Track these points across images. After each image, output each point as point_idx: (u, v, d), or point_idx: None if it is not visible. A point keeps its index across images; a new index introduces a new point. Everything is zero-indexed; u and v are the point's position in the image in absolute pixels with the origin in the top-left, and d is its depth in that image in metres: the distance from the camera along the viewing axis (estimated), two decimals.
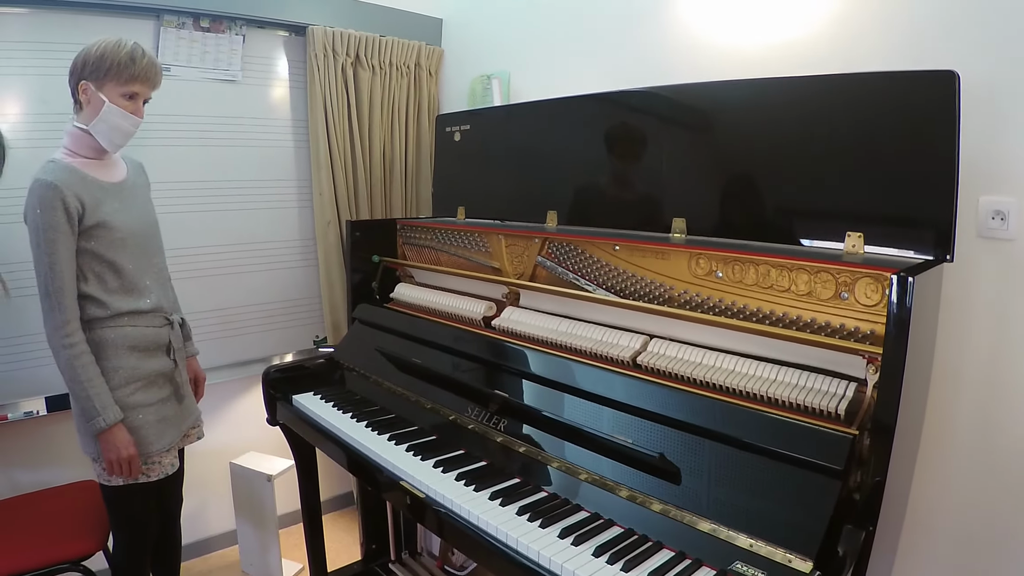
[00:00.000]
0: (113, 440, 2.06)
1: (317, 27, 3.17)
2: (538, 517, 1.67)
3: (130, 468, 2.10)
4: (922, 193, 1.62)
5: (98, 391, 2.03)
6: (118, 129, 2.08)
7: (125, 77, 2.04)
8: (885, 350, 1.36)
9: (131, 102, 2.08)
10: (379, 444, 2.14)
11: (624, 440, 1.70)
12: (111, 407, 2.05)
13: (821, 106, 1.79)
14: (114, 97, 2.05)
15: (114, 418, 2.05)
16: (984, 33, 1.80)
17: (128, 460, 2.08)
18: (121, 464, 2.08)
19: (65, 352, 2.00)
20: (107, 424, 2.03)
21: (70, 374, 2.02)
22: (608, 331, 2.00)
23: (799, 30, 2.18)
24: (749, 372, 1.66)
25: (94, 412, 2.02)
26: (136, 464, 2.11)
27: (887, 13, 1.98)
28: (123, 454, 2.07)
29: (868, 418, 1.45)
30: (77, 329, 2.02)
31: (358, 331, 2.79)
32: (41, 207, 1.94)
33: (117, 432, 2.06)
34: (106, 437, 2.05)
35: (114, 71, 2.03)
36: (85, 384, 2.02)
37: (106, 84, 2.04)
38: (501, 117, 2.86)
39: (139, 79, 2.07)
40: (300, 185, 3.40)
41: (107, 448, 2.06)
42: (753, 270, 1.72)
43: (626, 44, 2.72)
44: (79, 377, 2.01)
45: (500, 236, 2.44)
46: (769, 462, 1.49)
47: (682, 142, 2.13)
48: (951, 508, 1.97)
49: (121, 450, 2.06)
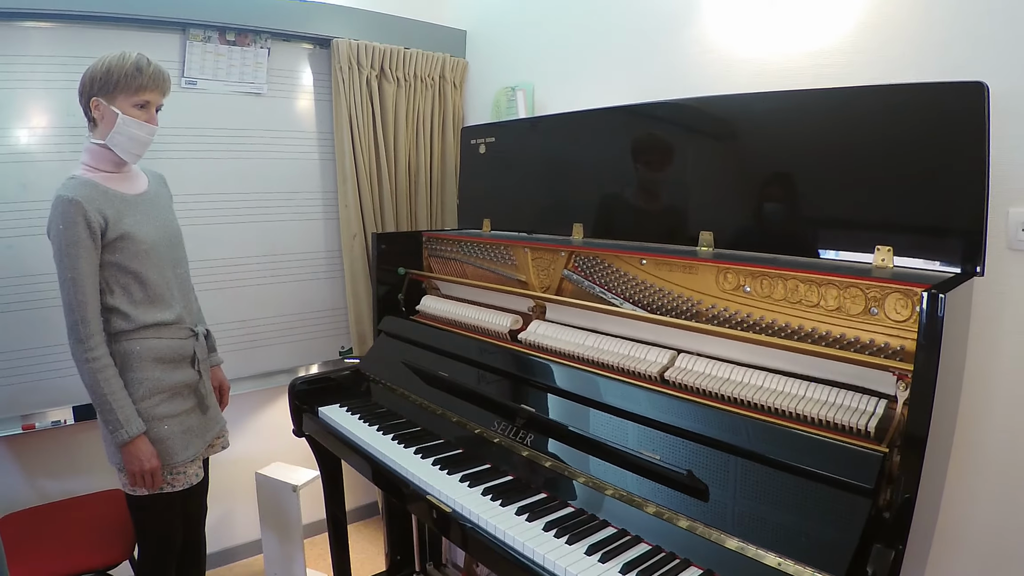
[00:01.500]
0: (136, 452, 2.08)
1: (342, 40, 3.20)
2: (565, 533, 1.66)
3: (152, 480, 2.12)
4: (952, 205, 1.60)
5: (121, 404, 2.06)
6: (135, 139, 2.11)
7: (134, 87, 2.07)
8: (916, 368, 1.34)
9: (143, 111, 2.11)
10: (405, 457, 2.15)
11: (652, 456, 1.69)
12: (134, 419, 2.07)
13: (849, 118, 1.77)
14: (126, 108, 2.08)
15: (137, 430, 2.07)
16: (1014, 44, 1.78)
17: (151, 472, 2.10)
18: (144, 476, 2.10)
19: (88, 366, 2.02)
20: (130, 436, 2.06)
21: (93, 387, 2.04)
22: (635, 346, 2.00)
23: (825, 41, 2.16)
24: (778, 388, 1.65)
25: (117, 425, 2.05)
26: (158, 476, 2.13)
27: (916, 23, 1.96)
28: (146, 466, 2.09)
29: (898, 435, 1.44)
30: (101, 343, 2.05)
31: (384, 343, 2.79)
32: (63, 223, 1.98)
33: (140, 444, 2.08)
34: (129, 449, 2.08)
35: (123, 83, 2.06)
36: (108, 397, 2.04)
37: (117, 97, 2.07)
38: (526, 129, 2.86)
39: (148, 87, 2.10)
40: (326, 197, 3.42)
41: (129, 460, 2.09)
42: (782, 285, 1.71)
43: (651, 56, 2.71)
44: (102, 390, 2.04)
45: (526, 249, 2.43)
46: (798, 480, 1.47)
47: (708, 154, 2.13)
48: (981, 525, 1.94)
49: (144, 462, 2.08)
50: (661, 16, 2.66)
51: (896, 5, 2.00)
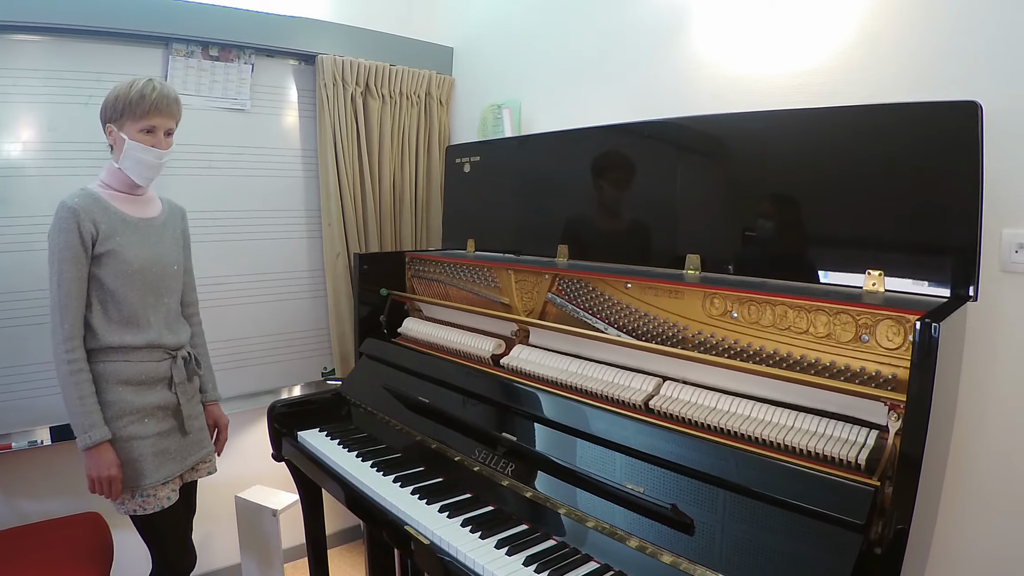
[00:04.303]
0: (97, 458, 2.08)
1: (327, 56, 3.16)
2: (546, 568, 1.61)
3: (111, 488, 2.11)
4: (945, 226, 1.58)
5: (89, 409, 2.07)
6: (142, 163, 2.17)
7: (139, 114, 2.13)
8: (909, 400, 1.29)
9: (150, 136, 2.16)
10: (384, 486, 2.09)
11: (635, 490, 1.63)
12: (99, 426, 2.08)
13: (841, 138, 1.75)
14: (133, 134, 2.14)
15: (100, 437, 2.08)
16: (1007, 62, 1.75)
17: (108, 480, 2.09)
18: (101, 483, 2.09)
19: (65, 367, 2.06)
20: (92, 442, 2.06)
21: (65, 388, 2.07)
22: (620, 372, 1.95)
23: (817, 60, 2.13)
24: (766, 418, 1.60)
25: (81, 428, 2.07)
26: (116, 486, 2.11)
27: (908, 42, 1.93)
28: (103, 473, 2.09)
29: (890, 467, 1.39)
30: (79, 347, 2.09)
31: (365, 366, 2.74)
32: (59, 227, 2.06)
33: (102, 451, 2.09)
34: (91, 454, 2.08)
35: (128, 110, 2.13)
36: (77, 400, 2.06)
37: (125, 123, 2.14)
38: (512, 148, 2.82)
39: (151, 113, 2.14)
40: (309, 215, 3.37)
41: (90, 465, 2.09)
42: (770, 311, 1.67)
43: (640, 75, 2.68)
44: (72, 393, 2.06)
45: (509, 271, 2.39)
46: (786, 514, 1.42)
47: (697, 175, 2.09)
48: (975, 556, 1.89)
49: (103, 469, 2.08)
50: (650, 35, 2.63)
51: (887, 23, 1.98)
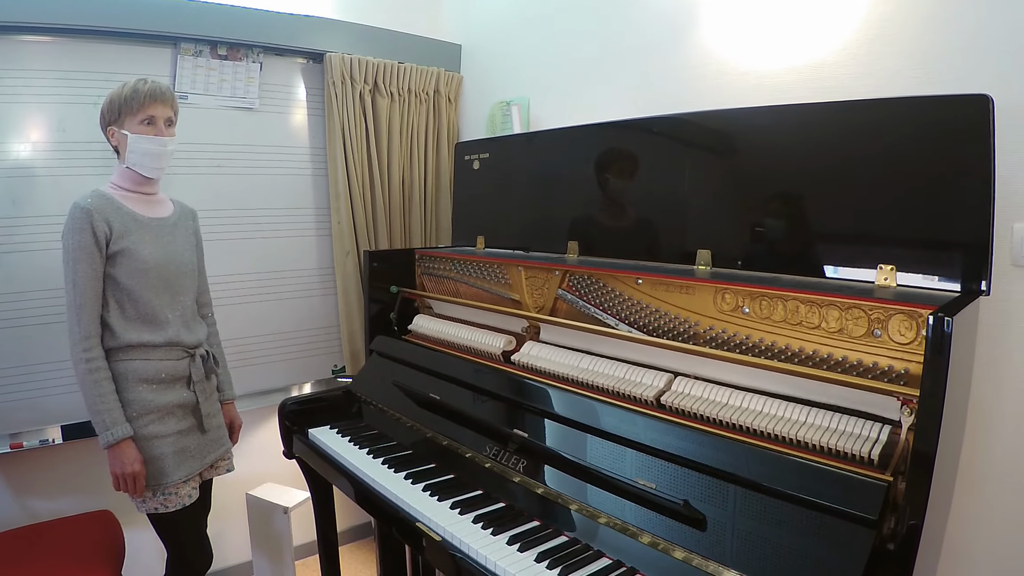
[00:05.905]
0: (120, 455, 2.10)
1: (335, 54, 3.16)
2: (557, 564, 1.60)
3: (134, 485, 2.12)
4: (956, 220, 1.57)
5: (109, 407, 2.09)
6: (148, 153, 2.19)
7: (135, 108, 2.17)
8: (922, 395, 1.29)
9: (151, 126, 2.20)
10: (395, 483, 2.09)
11: (647, 486, 1.63)
12: (121, 424, 2.10)
13: (851, 133, 1.74)
14: (134, 128, 2.18)
15: (123, 434, 2.09)
16: (1017, 55, 1.74)
17: (131, 476, 2.11)
18: (125, 479, 2.11)
19: (83, 366, 2.08)
20: (115, 439, 2.08)
21: (84, 388, 2.09)
22: (631, 368, 1.94)
23: (825, 54, 2.12)
24: (777, 414, 1.60)
25: (103, 426, 2.08)
26: (140, 482, 2.13)
27: (919, 36, 1.92)
28: (127, 469, 2.10)
29: (903, 463, 1.39)
30: (96, 345, 2.11)
31: (375, 363, 2.74)
32: (72, 228, 2.09)
33: (124, 447, 2.11)
34: (114, 451, 2.10)
35: (125, 108, 2.17)
36: (96, 398, 2.08)
37: (125, 121, 2.18)
38: (521, 145, 2.81)
39: (147, 104, 2.18)
40: (318, 213, 3.38)
41: (113, 462, 2.11)
42: (781, 306, 1.66)
43: (649, 70, 2.68)
44: (92, 391, 2.08)
45: (519, 268, 2.38)
46: (798, 510, 1.42)
47: (706, 170, 2.09)
48: (988, 551, 1.88)
49: (127, 465, 2.10)
50: (659, 31, 2.63)
51: (896, 16, 1.97)
